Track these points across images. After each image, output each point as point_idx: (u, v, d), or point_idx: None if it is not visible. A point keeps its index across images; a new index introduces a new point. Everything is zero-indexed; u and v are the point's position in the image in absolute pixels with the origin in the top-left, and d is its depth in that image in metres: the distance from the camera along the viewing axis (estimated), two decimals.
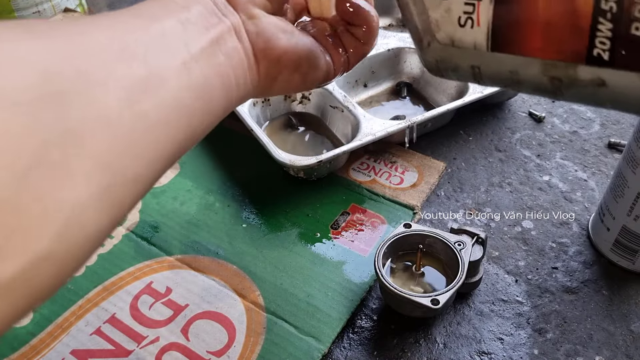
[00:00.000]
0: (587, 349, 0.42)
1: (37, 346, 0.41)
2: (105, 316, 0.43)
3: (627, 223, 0.45)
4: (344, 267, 0.47)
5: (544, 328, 0.44)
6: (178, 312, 0.43)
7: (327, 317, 0.43)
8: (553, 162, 0.58)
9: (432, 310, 0.40)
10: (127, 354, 0.41)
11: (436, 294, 0.40)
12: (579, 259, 0.49)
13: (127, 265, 0.46)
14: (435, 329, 0.43)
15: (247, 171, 0.56)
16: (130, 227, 0.49)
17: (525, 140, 0.61)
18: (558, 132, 0.62)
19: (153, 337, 0.42)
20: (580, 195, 0.54)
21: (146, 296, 0.44)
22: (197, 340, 0.41)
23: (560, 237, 0.50)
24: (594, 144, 0.60)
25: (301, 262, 0.47)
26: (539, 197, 0.54)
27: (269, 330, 0.42)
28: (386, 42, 0.65)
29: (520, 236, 0.51)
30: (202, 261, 0.47)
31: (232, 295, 0.44)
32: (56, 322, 0.42)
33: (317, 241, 0.49)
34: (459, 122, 0.61)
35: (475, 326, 0.44)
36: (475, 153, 0.59)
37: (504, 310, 0.45)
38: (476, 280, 0.45)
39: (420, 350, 0.42)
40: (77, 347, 0.41)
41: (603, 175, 0.57)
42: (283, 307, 0.44)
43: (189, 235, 0.49)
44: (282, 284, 0.45)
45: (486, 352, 0.42)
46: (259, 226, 0.50)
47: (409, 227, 0.45)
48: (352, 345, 0.43)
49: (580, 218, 0.52)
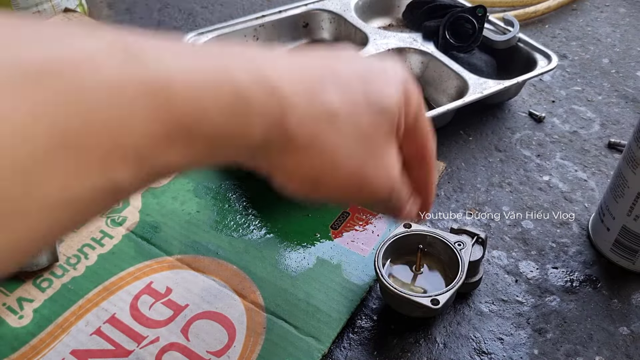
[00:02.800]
0: (587, 349, 0.42)
1: (37, 346, 0.41)
2: (105, 316, 0.43)
3: (627, 223, 0.45)
4: (344, 267, 0.47)
5: (544, 328, 0.44)
6: (178, 312, 0.43)
7: (327, 317, 0.43)
8: (553, 162, 0.58)
9: (432, 310, 0.40)
10: (127, 354, 0.41)
11: (436, 294, 0.40)
12: (579, 259, 0.49)
13: (127, 265, 0.46)
14: (435, 329, 0.44)
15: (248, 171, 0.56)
16: (130, 227, 0.49)
17: (525, 140, 0.61)
18: (558, 132, 0.62)
19: (153, 337, 0.42)
20: (580, 195, 0.54)
21: (146, 296, 0.44)
22: (197, 340, 0.41)
23: (560, 237, 0.50)
24: (594, 144, 0.60)
25: (301, 262, 0.47)
26: (539, 197, 0.54)
27: (269, 330, 0.42)
28: (386, 42, 0.65)
29: (520, 236, 0.51)
30: (202, 261, 0.47)
31: (232, 295, 0.44)
32: (56, 322, 0.42)
33: (317, 241, 0.49)
34: (459, 122, 0.61)
35: (475, 326, 0.44)
36: (475, 153, 0.59)
37: (504, 310, 0.45)
38: (476, 280, 0.45)
39: (420, 350, 0.42)
40: (77, 347, 0.41)
41: (603, 175, 0.57)
42: (283, 307, 0.44)
43: (189, 235, 0.49)
44: (282, 284, 0.45)
45: (486, 352, 0.42)
46: (259, 226, 0.50)
47: (409, 227, 0.45)
48: (352, 345, 0.43)
49: (580, 218, 0.52)
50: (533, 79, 0.66)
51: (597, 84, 0.69)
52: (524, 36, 0.65)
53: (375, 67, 0.30)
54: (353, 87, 0.27)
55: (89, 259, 0.47)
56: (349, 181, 0.28)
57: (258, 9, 0.72)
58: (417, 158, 0.33)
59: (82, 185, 0.19)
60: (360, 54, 0.32)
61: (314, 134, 0.26)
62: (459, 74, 0.61)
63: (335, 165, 0.27)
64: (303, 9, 0.71)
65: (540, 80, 0.69)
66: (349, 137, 0.27)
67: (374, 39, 0.66)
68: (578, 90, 0.68)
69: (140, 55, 0.20)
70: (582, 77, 0.70)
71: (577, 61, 0.73)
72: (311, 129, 0.26)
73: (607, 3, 0.84)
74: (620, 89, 0.68)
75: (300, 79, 0.26)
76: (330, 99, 0.26)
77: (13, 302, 0.44)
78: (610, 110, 0.65)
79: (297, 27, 0.71)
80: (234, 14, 0.80)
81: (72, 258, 0.47)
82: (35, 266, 0.45)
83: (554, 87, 0.69)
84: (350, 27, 0.69)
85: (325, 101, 0.26)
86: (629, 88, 0.68)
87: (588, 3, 0.84)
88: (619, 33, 0.78)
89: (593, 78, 0.70)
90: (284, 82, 0.25)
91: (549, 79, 0.70)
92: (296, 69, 0.26)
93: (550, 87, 0.68)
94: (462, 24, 0.64)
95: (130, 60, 0.20)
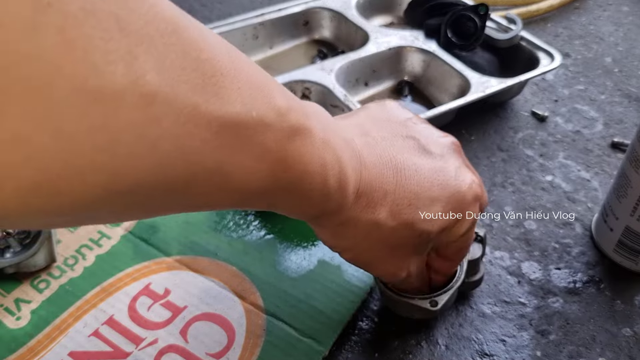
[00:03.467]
0: (590, 350, 0.42)
1: (34, 348, 0.41)
2: (104, 318, 0.42)
3: (631, 223, 0.45)
4: (344, 268, 0.46)
5: (546, 329, 0.43)
6: (177, 314, 0.43)
7: (327, 318, 0.43)
8: (556, 162, 0.58)
9: (431, 312, 0.40)
10: (126, 355, 0.40)
11: (434, 295, 0.40)
12: (582, 260, 0.48)
13: (125, 266, 0.46)
14: (437, 331, 0.43)
15: None
16: (128, 227, 0.49)
17: (528, 140, 0.60)
18: (561, 131, 0.62)
19: (152, 338, 0.41)
20: (583, 196, 0.54)
21: (144, 297, 0.44)
22: (196, 342, 0.41)
23: (563, 238, 0.50)
24: (597, 144, 0.60)
25: (301, 263, 0.47)
26: (542, 197, 0.54)
27: (268, 332, 0.42)
28: (387, 40, 0.65)
29: (522, 237, 0.50)
30: (201, 262, 0.46)
31: (231, 296, 0.44)
32: (54, 324, 0.42)
33: (317, 242, 0.48)
34: (461, 121, 0.61)
35: (477, 328, 0.43)
36: (477, 152, 0.58)
37: (507, 312, 0.44)
38: (477, 280, 0.44)
39: (422, 352, 0.42)
40: (75, 349, 0.40)
41: (606, 175, 0.56)
42: (283, 309, 0.43)
43: (187, 236, 0.49)
44: (282, 285, 0.45)
45: (488, 354, 0.42)
46: (259, 227, 0.50)
47: None
48: (353, 347, 0.42)
49: (583, 218, 0.52)
50: (535, 78, 0.65)
51: (600, 83, 0.69)
52: (526, 34, 0.65)
53: (444, 178, 0.34)
54: (408, 207, 0.32)
55: (86, 260, 0.46)
56: (363, 264, 0.36)
57: (258, 7, 0.72)
58: (446, 258, 0.39)
59: (207, 201, 0.25)
60: (451, 152, 0.37)
61: (350, 231, 0.32)
62: (461, 73, 0.60)
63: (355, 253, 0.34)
64: (303, 7, 0.70)
65: (542, 79, 0.69)
66: (377, 243, 0.33)
67: (375, 37, 0.65)
68: (581, 90, 0.68)
69: (301, 136, 0.27)
70: (585, 76, 0.70)
71: (580, 60, 0.72)
72: (350, 228, 0.32)
73: (610, 2, 0.84)
74: (623, 88, 0.68)
75: (370, 188, 0.31)
76: (380, 215, 0.32)
77: (10, 303, 0.43)
78: (613, 109, 0.65)
79: (297, 25, 0.71)
80: (233, 12, 0.80)
81: (70, 259, 0.46)
82: (33, 267, 0.44)
83: (556, 86, 0.68)
84: (351, 25, 0.69)
85: (375, 213, 0.32)
86: (632, 87, 0.68)
87: (591, 1, 0.84)
88: (622, 32, 0.78)
89: (596, 77, 0.70)
90: (353, 188, 0.30)
91: (551, 78, 0.69)
92: (374, 174, 0.32)
93: (552, 86, 0.68)
94: (464, 23, 0.64)
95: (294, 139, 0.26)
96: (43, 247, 0.44)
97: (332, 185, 0.28)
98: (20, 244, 0.44)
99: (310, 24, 0.71)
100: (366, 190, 0.31)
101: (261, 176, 0.25)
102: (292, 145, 0.26)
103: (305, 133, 0.26)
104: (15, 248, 0.44)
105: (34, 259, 0.44)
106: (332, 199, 0.29)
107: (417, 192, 0.32)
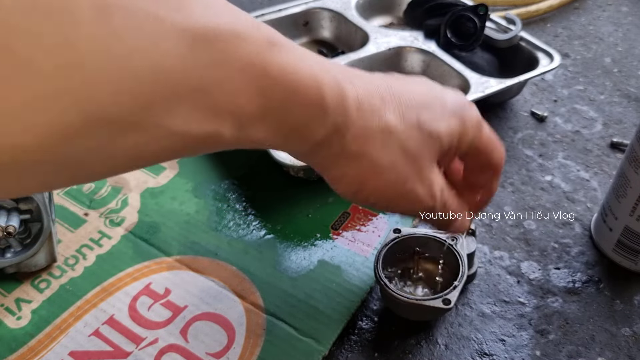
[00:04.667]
0: (589, 350, 0.42)
1: (35, 347, 0.41)
2: (104, 317, 0.42)
3: (630, 223, 0.45)
4: (344, 267, 0.46)
5: (546, 329, 0.43)
6: (177, 314, 0.43)
7: (327, 318, 0.43)
8: (555, 162, 0.58)
9: (443, 310, 0.39)
10: (126, 355, 0.40)
11: (445, 294, 0.40)
12: (581, 260, 0.48)
13: (125, 266, 0.46)
14: (437, 331, 0.43)
15: (247, 171, 0.55)
16: (128, 227, 0.49)
17: (527, 140, 0.60)
18: (560, 131, 0.62)
19: (152, 338, 0.41)
20: (582, 195, 0.54)
21: (145, 297, 0.44)
22: (197, 341, 0.41)
23: (563, 238, 0.50)
24: (596, 144, 0.60)
25: (301, 262, 0.47)
26: (541, 197, 0.54)
27: (268, 331, 0.42)
28: (387, 40, 0.65)
29: (522, 236, 0.50)
30: (201, 262, 0.47)
31: (231, 296, 0.44)
32: (54, 324, 0.42)
33: (317, 242, 0.48)
34: None
35: (476, 327, 0.43)
36: None
37: (506, 312, 0.44)
38: (472, 273, 0.44)
39: (422, 351, 0.42)
40: (76, 349, 0.41)
41: (605, 175, 0.56)
42: (283, 309, 0.43)
43: (188, 236, 0.49)
44: (281, 285, 0.45)
45: (488, 353, 0.42)
46: (259, 227, 0.50)
47: (399, 232, 0.44)
48: (353, 347, 0.42)
49: (582, 218, 0.52)
50: (535, 78, 0.65)
51: (600, 83, 0.69)
52: (526, 35, 0.65)
53: (435, 94, 0.33)
54: (411, 109, 0.31)
55: (87, 260, 0.46)
56: (390, 189, 0.32)
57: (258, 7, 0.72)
58: (482, 166, 0.36)
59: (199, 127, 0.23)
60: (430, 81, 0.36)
61: (366, 146, 0.30)
62: (461, 73, 0.60)
63: (379, 174, 0.31)
64: (303, 7, 0.70)
65: (542, 79, 0.69)
66: (396, 153, 0.31)
67: (374, 38, 0.65)
68: (580, 90, 0.68)
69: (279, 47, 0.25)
70: (585, 76, 0.70)
71: (580, 60, 0.73)
72: (364, 141, 0.30)
73: (610, 2, 0.84)
74: (622, 88, 0.68)
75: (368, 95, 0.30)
76: (388, 117, 0.30)
77: (11, 303, 0.43)
78: (612, 109, 0.65)
79: (297, 25, 0.71)
80: None
81: (70, 259, 0.46)
82: (34, 266, 0.44)
83: (556, 86, 0.68)
84: (351, 26, 0.69)
85: (383, 118, 0.30)
86: (631, 87, 0.68)
87: (590, 2, 0.84)
88: (621, 32, 0.78)
89: (595, 77, 0.70)
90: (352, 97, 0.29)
91: (551, 78, 0.69)
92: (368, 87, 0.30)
93: (552, 87, 0.68)
94: (463, 23, 0.64)
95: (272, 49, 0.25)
96: (43, 247, 0.44)
97: (330, 95, 0.27)
98: (21, 244, 0.44)
99: (310, 24, 0.72)
100: (366, 97, 0.30)
101: (251, 95, 0.24)
102: (273, 55, 0.25)
103: (283, 44, 0.26)
104: (16, 248, 0.44)
105: (34, 258, 0.44)
106: (336, 112, 0.28)
107: (413, 97, 0.32)
